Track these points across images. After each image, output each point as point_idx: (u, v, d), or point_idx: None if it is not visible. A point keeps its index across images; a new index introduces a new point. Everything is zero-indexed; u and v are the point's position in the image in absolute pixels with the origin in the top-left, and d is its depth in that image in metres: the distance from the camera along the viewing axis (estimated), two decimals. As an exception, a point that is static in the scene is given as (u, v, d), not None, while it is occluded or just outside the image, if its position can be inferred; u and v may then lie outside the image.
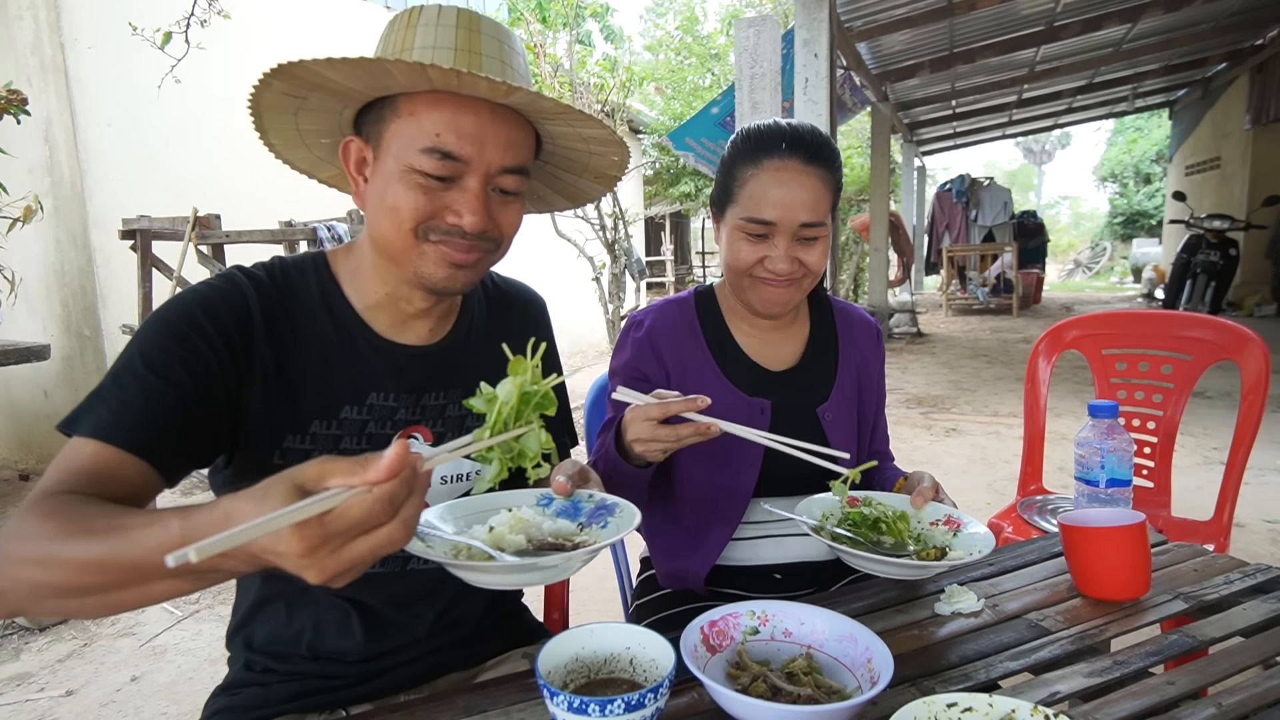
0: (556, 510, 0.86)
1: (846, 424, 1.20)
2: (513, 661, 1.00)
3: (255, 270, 0.89)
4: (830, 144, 1.10)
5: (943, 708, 0.63)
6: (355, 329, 0.91)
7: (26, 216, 3.21)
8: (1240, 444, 1.63)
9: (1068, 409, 4.80)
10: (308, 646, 0.91)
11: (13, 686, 2.18)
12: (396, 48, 0.84)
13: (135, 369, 0.77)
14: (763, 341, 1.20)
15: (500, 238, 0.89)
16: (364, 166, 0.87)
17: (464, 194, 0.83)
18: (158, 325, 0.80)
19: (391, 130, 0.83)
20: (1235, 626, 0.86)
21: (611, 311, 5.83)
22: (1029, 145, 27.33)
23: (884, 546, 0.95)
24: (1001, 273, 11.07)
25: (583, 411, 1.50)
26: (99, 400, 0.76)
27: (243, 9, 4.35)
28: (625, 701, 0.63)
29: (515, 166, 0.86)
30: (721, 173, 1.14)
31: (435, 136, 0.80)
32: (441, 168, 0.81)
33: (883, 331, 1.31)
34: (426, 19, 0.83)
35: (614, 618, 1.03)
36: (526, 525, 0.81)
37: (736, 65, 4.22)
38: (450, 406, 0.97)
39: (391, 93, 0.82)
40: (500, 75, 0.83)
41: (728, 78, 10.79)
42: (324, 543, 0.52)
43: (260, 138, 0.91)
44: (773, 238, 1.08)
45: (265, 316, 0.86)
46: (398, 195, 0.82)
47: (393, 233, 0.84)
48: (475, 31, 0.84)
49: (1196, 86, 10.54)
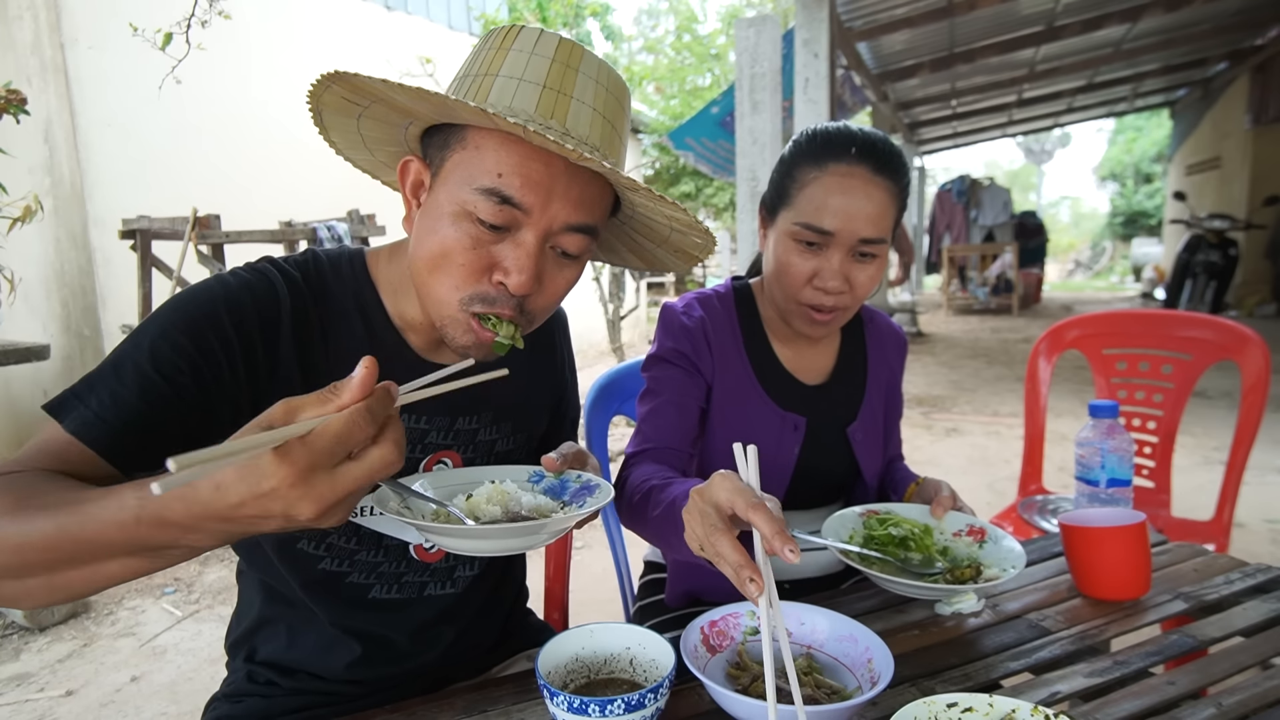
0: (544, 487, 0.85)
1: (873, 441, 1.16)
2: (514, 662, 1.00)
3: (289, 266, 0.81)
4: (901, 157, 1.02)
5: (943, 708, 0.63)
6: (391, 344, 0.84)
7: (26, 216, 3.21)
8: (1240, 444, 1.63)
9: (1068, 409, 4.80)
10: (313, 669, 0.88)
11: (13, 686, 2.18)
12: (482, 68, 0.74)
13: (139, 361, 0.69)
14: (798, 353, 1.16)
15: (535, 313, 0.79)
16: (420, 190, 0.79)
17: (517, 249, 0.73)
18: (176, 316, 0.72)
19: (454, 160, 0.74)
20: (1235, 626, 0.86)
21: (611, 311, 5.83)
22: (1029, 145, 27.28)
23: (912, 564, 0.93)
24: (1002, 273, 11.07)
25: (583, 412, 1.50)
26: (91, 389, 0.68)
27: (243, 9, 4.35)
28: (625, 702, 0.63)
29: (582, 225, 0.75)
30: (778, 172, 1.07)
31: (498, 177, 0.71)
32: (499, 214, 0.72)
33: (907, 340, 1.28)
34: (522, 43, 0.74)
35: (614, 618, 1.02)
36: (506, 498, 0.80)
37: (737, 65, 4.22)
38: (481, 431, 0.91)
39: (460, 121, 0.74)
40: (588, 126, 0.74)
41: (728, 78, 10.80)
42: (312, 466, 0.49)
43: (320, 134, 0.83)
44: (827, 250, 0.99)
45: (296, 320, 0.78)
46: (446, 236, 0.73)
47: (436, 286, 0.76)
48: (572, 69, 0.74)
49: (1197, 86, 10.54)
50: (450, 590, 0.93)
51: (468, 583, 0.94)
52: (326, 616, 0.87)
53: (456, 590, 0.93)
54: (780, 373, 1.14)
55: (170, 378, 0.70)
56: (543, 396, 1.02)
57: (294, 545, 0.83)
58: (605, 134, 0.76)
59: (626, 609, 1.42)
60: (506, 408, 0.94)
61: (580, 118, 0.74)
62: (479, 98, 0.73)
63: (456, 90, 0.76)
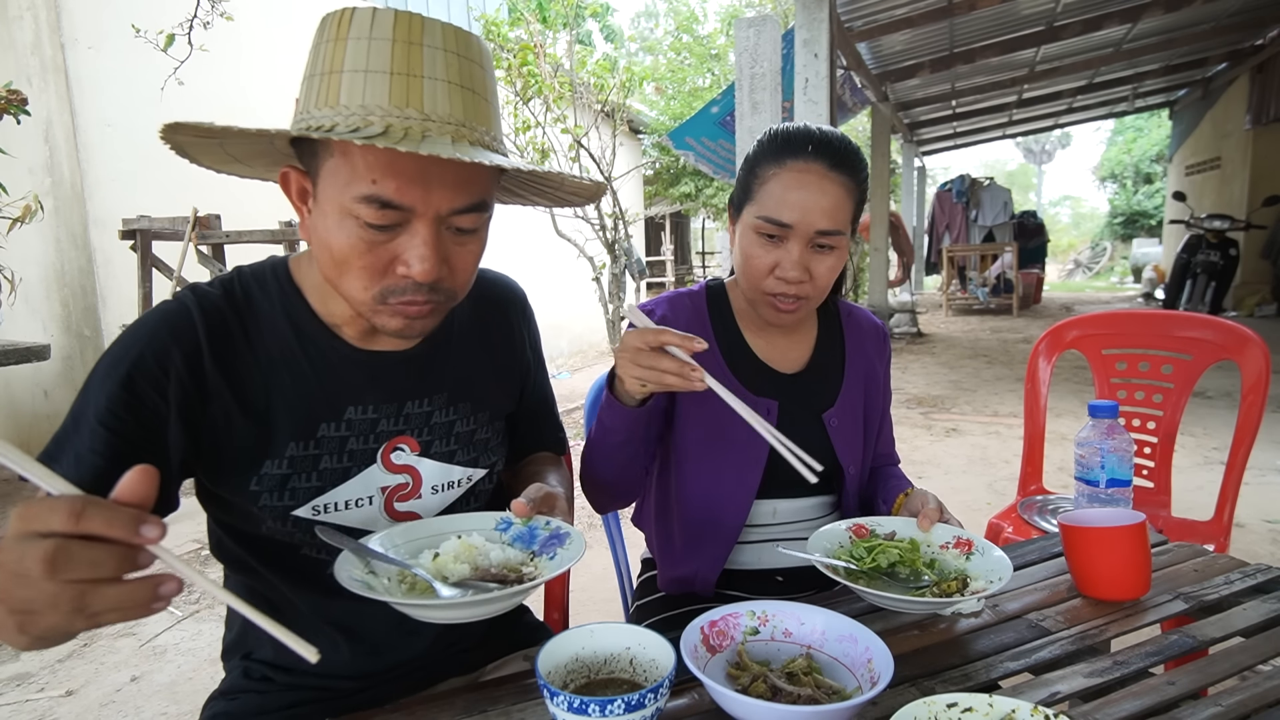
0: (513, 535, 0.83)
1: (852, 430, 1.19)
2: (513, 662, 1.00)
3: (210, 288, 0.83)
4: (858, 154, 1.07)
5: (943, 708, 0.63)
6: (323, 340, 0.85)
7: (26, 216, 3.21)
8: (1240, 444, 1.63)
9: (1068, 409, 4.80)
10: (307, 665, 0.90)
11: (13, 686, 2.18)
12: (326, 65, 0.71)
13: (88, 417, 0.74)
14: (771, 343, 1.20)
15: (454, 290, 0.80)
16: (306, 197, 0.78)
17: (412, 239, 0.73)
18: (107, 370, 0.76)
19: (328, 167, 0.73)
20: (1235, 626, 0.86)
21: (611, 311, 5.83)
22: (1029, 145, 27.33)
23: (899, 576, 0.93)
24: (1001, 273, 11.07)
25: (583, 411, 1.50)
26: (61, 448, 0.74)
27: (243, 10, 4.35)
28: (625, 702, 0.62)
29: (470, 205, 0.75)
30: (743, 171, 1.13)
31: (372, 183, 0.70)
32: (384, 217, 0.71)
33: (889, 333, 1.30)
34: (359, 29, 0.70)
35: (614, 618, 1.02)
36: (474, 553, 0.77)
37: (736, 65, 4.22)
38: (436, 413, 0.92)
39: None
40: (447, 101, 0.72)
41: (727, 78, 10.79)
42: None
43: (190, 162, 0.81)
44: (787, 242, 1.04)
45: (215, 342, 0.79)
46: (340, 242, 0.73)
47: (346, 288, 0.77)
48: (416, 45, 0.70)
49: (1196, 86, 10.54)
50: None
51: None
52: (309, 608, 0.88)
53: None
54: (753, 362, 1.17)
55: (117, 429, 0.73)
56: (504, 376, 1.02)
57: (275, 533, 0.84)
58: (468, 103, 0.74)
59: (626, 609, 1.42)
60: (463, 388, 0.95)
61: (437, 96, 0.71)
62: (330, 99, 0.71)
63: (306, 93, 0.74)
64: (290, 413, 0.83)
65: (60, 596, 0.47)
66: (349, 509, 0.86)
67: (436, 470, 0.92)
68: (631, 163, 9.31)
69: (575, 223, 5.87)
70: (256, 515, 0.83)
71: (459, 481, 0.94)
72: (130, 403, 0.74)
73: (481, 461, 0.97)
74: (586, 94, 5.91)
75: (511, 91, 5.29)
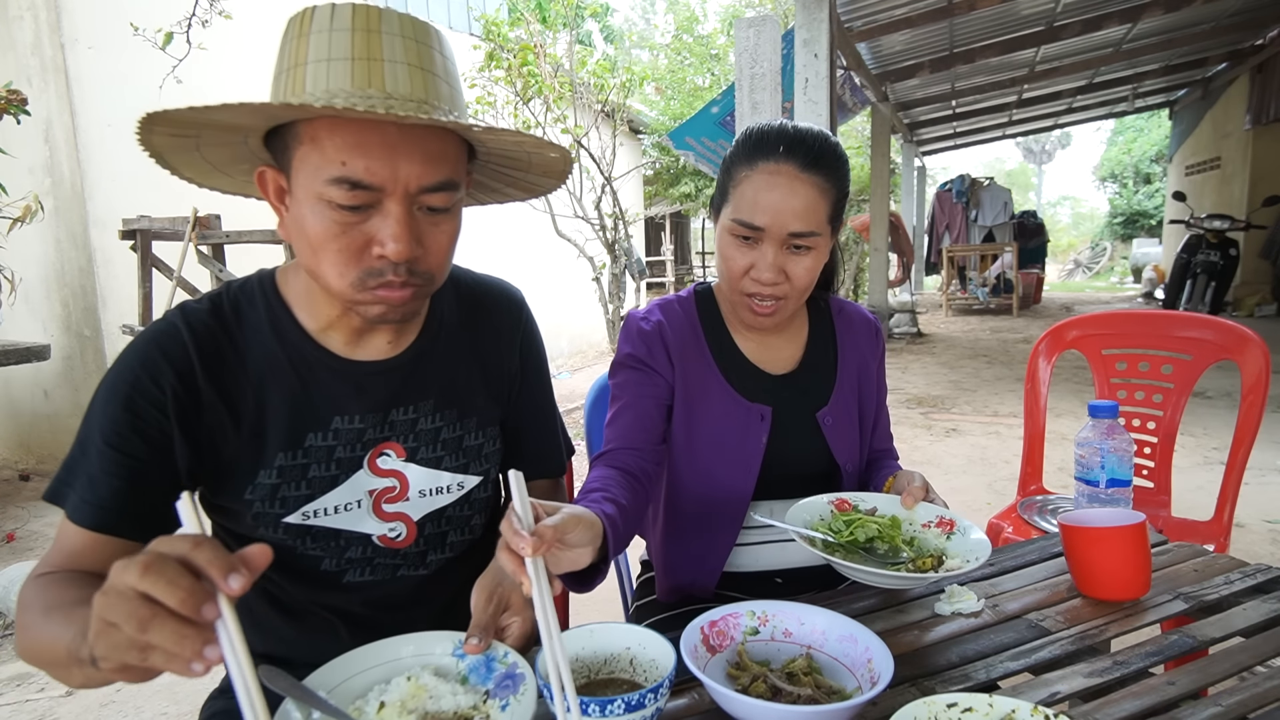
0: (469, 666, 0.75)
1: (847, 427, 1.18)
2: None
3: (198, 305, 0.85)
4: (835, 151, 1.05)
5: (943, 708, 0.63)
6: (309, 352, 0.87)
7: (26, 216, 3.22)
8: (1240, 444, 1.63)
9: (1068, 409, 4.80)
10: (306, 659, 0.90)
11: (13, 686, 2.18)
12: (291, 60, 0.75)
13: (95, 441, 0.77)
14: (761, 344, 1.19)
15: (430, 272, 0.81)
16: (284, 195, 0.80)
17: (385, 219, 0.75)
18: (107, 396, 0.79)
19: (299, 157, 0.75)
20: (1235, 626, 0.86)
21: (611, 311, 5.84)
22: (1029, 145, 27.33)
23: (877, 553, 0.94)
24: (1001, 273, 11.07)
25: (583, 412, 1.50)
26: (72, 473, 0.78)
27: (243, 9, 4.35)
28: (625, 701, 0.63)
29: (439, 183, 0.76)
30: (721, 172, 1.12)
31: (341, 165, 0.72)
32: (354, 198, 0.73)
33: (882, 328, 1.30)
34: (319, 23, 0.73)
35: (614, 618, 1.02)
36: (424, 698, 0.70)
37: (736, 65, 4.22)
38: (422, 420, 0.92)
39: (282, 120, 0.75)
40: (408, 82, 0.74)
41: (728, 78, 10.79)
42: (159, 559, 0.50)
43: (171, 174, 0.83)
44: (761, 244, 1.03)
45: (206, 359, 0.81)
46: (315, 229, 0.75)
47: (325, 277, 0.78)
48: (375, 33, 0.73)
49: (1196, 86, 10.54)
50: (423, 572, 0.96)
51: (440, 564, 0.97)
52: (306, 596, 0.90)
53: (428, 572, 0.96)
54: (744, 365, 1.16)
55: (123, 450, 0.77)
56: (493, 382, 1.01)
57: (269, 539, 0.86)
58: (427, 84, 0.76)
59: (626, 609, 1.42)
60: (449, 395, 0.95)
61: (397, 77, 0.74)
62: (295, 90, 0.73)
63: (274, 90, 0.77)
64: (279, 424, 0.85)
65: (137, 608, 0.49)
66: (338, 513, 0.88)
67: (423, 475, 0.92)
68: (631, 163, 9.30)
69: (575, 223, 5.87)
70: (252, 523, 0.85)
71: (449, 487, 0.94)
72: (134, 423, 0.78)
73: (473, 468, 0.96)
74: (586, 94, 5.91)
75: (511, 91, 5.29)
